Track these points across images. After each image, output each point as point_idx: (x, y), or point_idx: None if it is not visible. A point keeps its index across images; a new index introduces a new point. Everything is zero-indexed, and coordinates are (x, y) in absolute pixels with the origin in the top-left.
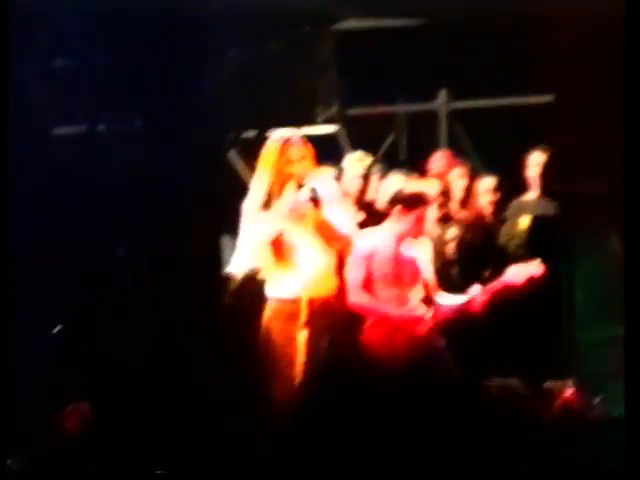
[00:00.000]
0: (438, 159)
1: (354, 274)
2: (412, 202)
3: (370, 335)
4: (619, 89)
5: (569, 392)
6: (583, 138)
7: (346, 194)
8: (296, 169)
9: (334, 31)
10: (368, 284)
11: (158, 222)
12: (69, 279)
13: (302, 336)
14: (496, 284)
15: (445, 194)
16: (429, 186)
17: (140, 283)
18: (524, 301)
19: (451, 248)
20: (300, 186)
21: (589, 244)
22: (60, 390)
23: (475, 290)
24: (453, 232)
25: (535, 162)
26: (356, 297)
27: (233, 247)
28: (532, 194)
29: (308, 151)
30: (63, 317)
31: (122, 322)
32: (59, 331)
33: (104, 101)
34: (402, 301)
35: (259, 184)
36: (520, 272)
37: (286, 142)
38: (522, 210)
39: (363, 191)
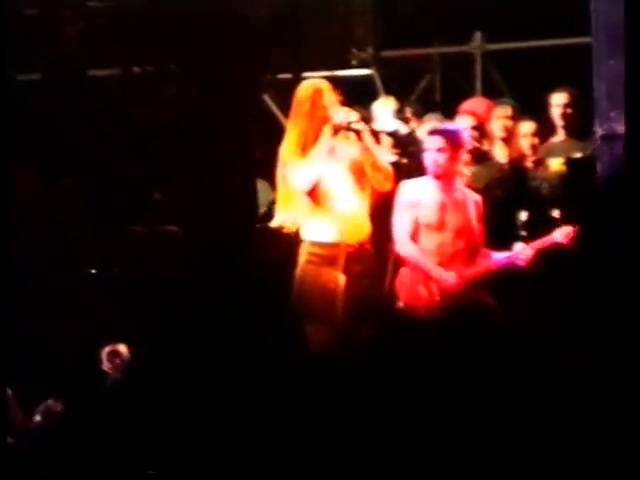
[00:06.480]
0: (476, 102)
1: (401, 223)
2: (446, 138)
3: (405, 281)
4: None
5: None
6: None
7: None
8: (329, 113)
9: None
10: (414, 232)
11: (191, 165)
12: None
13: (340, 281)
14: (543, 242)
15: (480, 132)
16: (462, 122)
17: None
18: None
19: (493, 190)
20: (337, 130)
21: None
22: None
23: (519, 247)
24: (495, 173)
25: (556, 103)
26: (404, 247)
27: (268, 190)
28: (559, 136)
29: (337, 97)
30: None
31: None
32: None
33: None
34: (445, 248)
35: (292, 131)
36: (569, 233)
37: (316, 88)
38: (551, 153)
39: (395, 134)
